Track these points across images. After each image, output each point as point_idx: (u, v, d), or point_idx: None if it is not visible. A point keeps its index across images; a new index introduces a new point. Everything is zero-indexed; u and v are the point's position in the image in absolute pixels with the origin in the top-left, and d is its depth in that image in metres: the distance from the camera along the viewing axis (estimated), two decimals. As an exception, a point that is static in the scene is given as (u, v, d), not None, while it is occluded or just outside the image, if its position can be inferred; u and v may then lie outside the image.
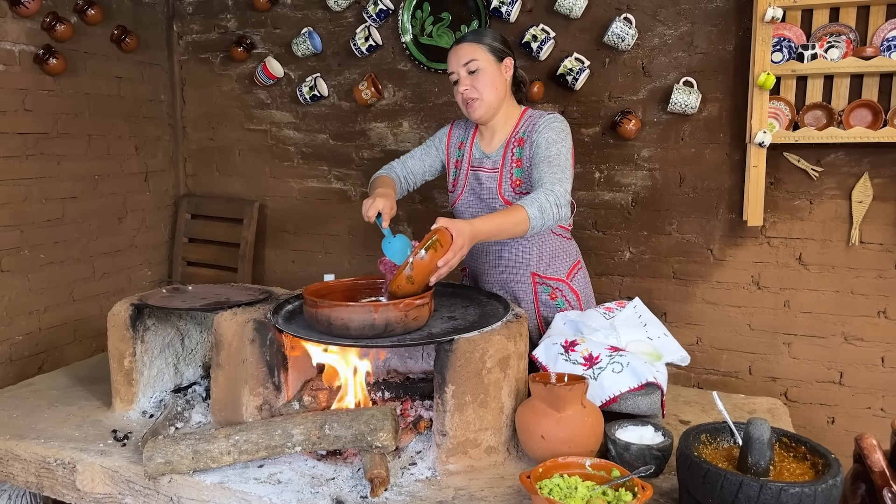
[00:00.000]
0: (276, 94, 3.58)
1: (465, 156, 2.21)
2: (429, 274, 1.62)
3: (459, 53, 2.05)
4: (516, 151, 2.08)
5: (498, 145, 2.14)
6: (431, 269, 1.60)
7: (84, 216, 3.30)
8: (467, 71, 2.04)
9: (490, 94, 2.05)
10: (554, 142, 1.98)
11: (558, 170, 1.90)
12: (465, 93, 2.05)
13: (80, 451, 1.74)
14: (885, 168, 2.64)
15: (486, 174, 2.13)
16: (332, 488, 1.53)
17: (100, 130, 3.34)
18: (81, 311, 3.32)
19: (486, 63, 2.04)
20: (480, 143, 2.19)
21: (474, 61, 2.03)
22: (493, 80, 2.05)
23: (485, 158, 2.16)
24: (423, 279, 1.62)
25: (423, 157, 2.28)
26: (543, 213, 1.77)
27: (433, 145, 2.29)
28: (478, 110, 2.07)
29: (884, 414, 2.77)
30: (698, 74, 2.82)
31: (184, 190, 3.87)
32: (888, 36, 2.51)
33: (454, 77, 2.08)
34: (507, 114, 2.13)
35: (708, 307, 2.97)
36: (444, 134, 2.29)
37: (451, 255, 1.60)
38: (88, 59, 3.26)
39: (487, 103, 2.06)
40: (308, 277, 3.65)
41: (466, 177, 2.18)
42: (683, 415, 1.95)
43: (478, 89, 2.04)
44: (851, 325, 2.76)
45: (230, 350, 1.79)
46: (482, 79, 2.04)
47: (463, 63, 2.04)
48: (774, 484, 1.22)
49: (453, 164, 2.25)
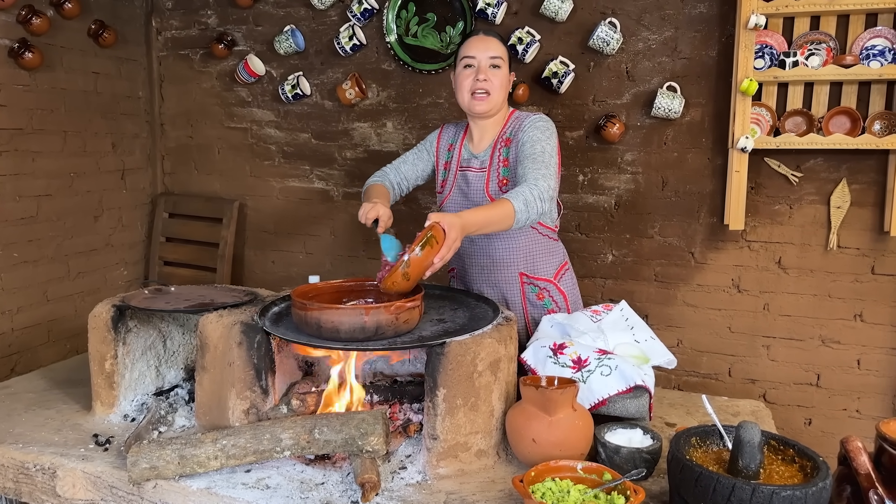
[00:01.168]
0: (258, 92, 3.54)
1: (453, 157, 2.22)
2: (424, 270, 1.61)
3: (489, 45, 2.07)
4: (503, 151, 2.11)
5: (486, 146, 2.16)
6: (427, 264, 1.60)
7: (59, 214, 3.23)
8: (491, 64, 2.06)
9: (499, 94, 2.09)
10: (539, 139, 2.00)
11: (542, 166, 1.92)
12: (482, 83, 2.06)
13: (61, 456, 1.70)
14: (862, 174, 2.70)
15: (474, 174, 2.15)
16: (322, 493, 1.51)
17: (76, 127, 3.28)
18: (55, 311, 3.25)
19: (505, 67, 2.10)
20: (469, 145, 2.22)
21: (500, 58, 2.07)
22: (505, 84, 2.10)
23: (472, 158, 2.18)
24: (417, 275, 1.62)
25: (415, 161, 2.29)
26: (528, 207, 1.78)
27: (424, 149, 2.30)
28: (484, 105, 2.08)
29: (859, 415, 2.82)
30: (682, 79, 2.85)
31: (161, 188, 3.81)
32: (867, 45, 2.56)
33: (471, 62, 2.07)
34: (499, 115, 2.17)
35: (689, 310, 3.00)
36: (434, 137, 2.32)
37: (445, 250, 1.60)
38: (65, 54, 3.19)
39: (494, 100, 2.09)
40: (289, 278, 3.62)
41: (455, 177, 2.20)
42: (669, 417, 1.97)
43: (493, 84, 2.06)
44: (829, 328, 2.81)
45: (216, 353, 1.76)
46: (499, 77, 2.07)
47: (490, 55, 2.06)
48: (766, 487, 1.23)
49: (442, 166, 2.26)
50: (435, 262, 1.61)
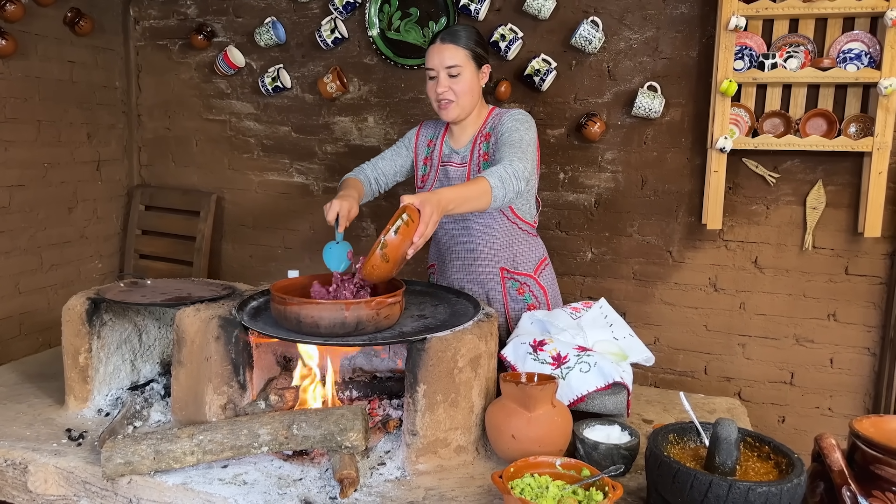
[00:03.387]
0: (237, 84, 3.50)
1: (434, 152, 2.23)
2: (404, 250, 1.59)
3: (444, 54, 2.05)
4: (483, 146, 2.12)
5: (466, 141, 2.18)
6: (406, 244, 1.58)
7: (32, 205, 3.17)
8: (448, 74, 2.05)
9: (466, 99, 2.07)
10: (517, 129, 2.01)
11: (519, 150, 1.92)
12: (442, 94, 2.06)
13: (32, 451, 1.66)
14: (837, 176, 2.74)
15: (455, 168, 2.17)
16: (301, 489, 1.50)
17: (50, 116, 3.21)
18: (28, 304, 3.19)
19: (468, 70, 2.06)
20: (450, 140, 2.22)
21: (457, 67, 2.04)
22: (471, 87, 2.07)
23: (454, 154, 2.19)
24: (397, 256, 1.59)
25: (393, 157, 2.29)
26: (504, 183, 1.78)
27: (403, 145, 2.30)
28: (451, 112, 2.09)
29: (831, 413, 2.87)
30: (662, 79, 2.87)
31: (138, 180, 3.76)
32: (844, 48, 2.59)
33: (433, 73, 2.08)
34: (477, 113, 2.17)
35: (666, 308, 3.03)
36: (412, 134, 2.32)
37: (423, 227, 1.58)
38: (40, 42, 3.13)
39: (461, 107, 2.08)
40: (267, 273, 3.58)
41: (436, 171, 2.21)
42: (646, 414, 1.98)
43: (455, 92, 2.05)
44: (803, 327, 2.86)
45: (193, 347, 1.74)
46: (461, 84, 2.05)
47: (446, 65, 2.04)
48: (743, 483, 1.24)
49: (422, 161, 2.27)
50: (415, 241, 1.58)
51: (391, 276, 1.65)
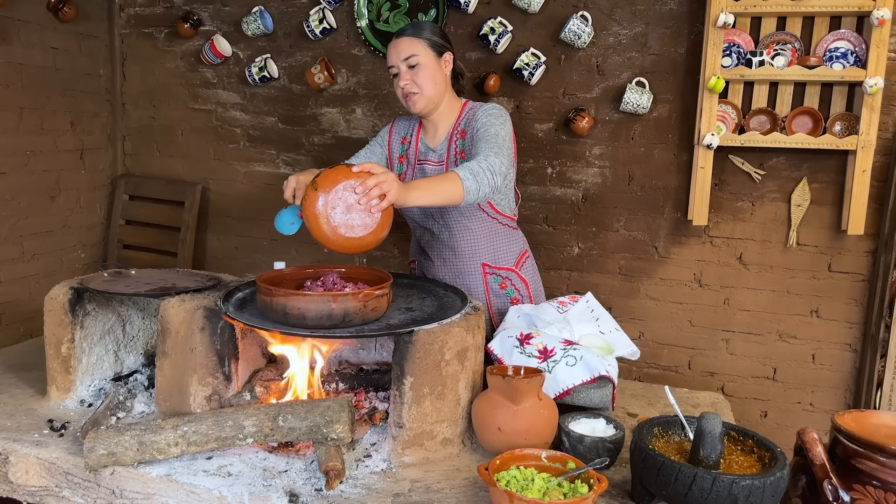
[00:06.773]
0: (224, 74, 3.47)
1: (410, 150, 2.22)
2: (335, 181, 1.60)
3: (399, 48, 2.06)
4: (459, 143, 2.12)
5: (442, 138, 2.17)
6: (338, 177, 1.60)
7: (13, 194, 3.13)
8: (407, 66, 2.06)
9: (430, 88, 2.07)
10: (492, 124, 2.01)
11: (494, 145, 1.93)
12: (406, 87, 2.07)
13: (13, 442, 1.64)
14: (822, 174, 2.76)
15: (432, 167, 2.17)
16: (286, 481, 1.50)
17: (33, 103, 3.17)
18: (9, 293, 3.15)
19: (426, 58, 2.06)
20: (425, 138, 2.22)
21: (414, 56, 2.05)
22: (433, 76, 2.07)
23: (430, 152, 2.18)
24: (328, 187, 1.61)
25: (368, 156, 2.28)
26: (476, 176, 1.77)
27: (377, 143, 2.30)
28: (418, 104, 2.09)
29: (813, 409, 2.90)
30: (650, 75, 2.88)
31: (122, 169, 3.71)
32: (830, 46, 2.61)
33: (394, 70, 2.09)
34: (448, 106, 2.16)
35: (651, 303, 3.04)
36: (385, 131, 2.31)
37: (373, 179, 1.60)
38: (22, 28, 3.08)
39: (427, 97, 2.08)
40: (252, 264, 3.56)
41: (413, 170, 2.20)
42: (631, 407, 1.99)
43: (418, 84, 2.06)
44: (786, 323, 2.88)
45: (177, 338, 1.72)
46: (422, 74, 2.05)
47: (403, 58, 2.05)
48: (726, 476, 1.26)
49: (397, 159, 2.26)
50: (354, 170, 1.61)
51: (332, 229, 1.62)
